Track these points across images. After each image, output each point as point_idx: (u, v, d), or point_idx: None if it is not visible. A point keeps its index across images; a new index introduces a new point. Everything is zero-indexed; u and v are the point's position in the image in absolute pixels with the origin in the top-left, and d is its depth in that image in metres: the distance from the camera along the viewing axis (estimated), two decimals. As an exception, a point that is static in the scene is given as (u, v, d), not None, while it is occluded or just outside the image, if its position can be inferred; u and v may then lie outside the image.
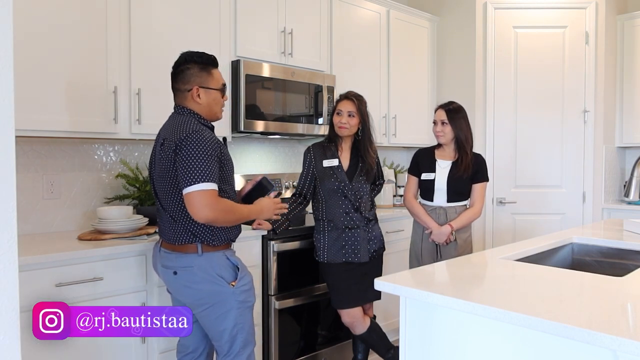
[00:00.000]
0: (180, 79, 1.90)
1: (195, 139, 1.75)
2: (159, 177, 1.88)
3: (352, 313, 2.50)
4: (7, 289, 0.79)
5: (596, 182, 3.90)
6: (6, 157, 0.78)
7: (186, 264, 1.84)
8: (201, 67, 1.90)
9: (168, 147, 1.80)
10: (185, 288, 1.86)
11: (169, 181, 1.83)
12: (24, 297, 1.42)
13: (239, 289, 1.87)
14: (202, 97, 1.89)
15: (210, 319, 1.87)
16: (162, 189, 1.87)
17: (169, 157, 1.79)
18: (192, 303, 1.87)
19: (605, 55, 3.89)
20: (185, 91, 1.89)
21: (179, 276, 1.85)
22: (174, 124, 1.84)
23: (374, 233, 2.55)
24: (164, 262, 1.90)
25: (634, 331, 1.09)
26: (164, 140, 1.84)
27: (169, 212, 1.86)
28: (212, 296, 1.84)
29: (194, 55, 1.90)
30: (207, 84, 1.90)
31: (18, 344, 0.81)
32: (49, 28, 2.18)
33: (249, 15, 2.87)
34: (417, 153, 2.80)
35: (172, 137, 1.79)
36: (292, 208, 2.55)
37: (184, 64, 1.89)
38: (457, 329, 1.39)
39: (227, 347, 1.89)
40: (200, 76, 1.89)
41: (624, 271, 1.86)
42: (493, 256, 1.92)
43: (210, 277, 1.83)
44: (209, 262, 1.85)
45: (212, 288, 1.84)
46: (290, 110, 3.06)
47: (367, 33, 3.61)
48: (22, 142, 2.41)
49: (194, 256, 1.84)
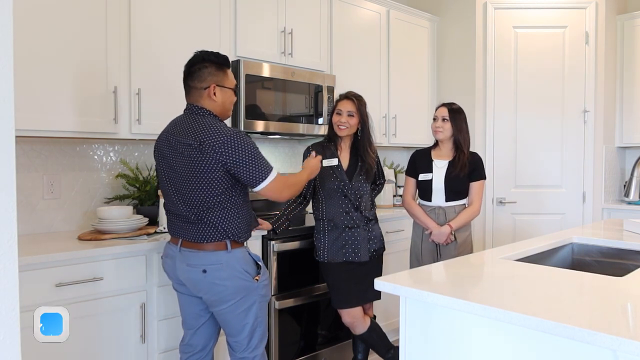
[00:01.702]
0: (196, 77, 1.92)
1: (240, 138, 1.82)
2: (183, 178, 1.86)
3: (352, 313, 2.50)
4: (7, 289, 0.79)
5: (596, 182, 3.90)
6: (6, 157, 0.78)
7: (215, 261, 1.87)
8: (217, 66, 1.94)
9: (202, 149, 1.79)
10: (214, 285, 1.88)
11: (200, 181, 1.83)
12: (24, 297, 1.42)
13: (261, 283, 1.95)
14: (217, 95, 1.93)
15: (234, 315, 1.91)
16: (186, 189, 1.86)
17: (201, 158, 1.80)
18: (220, 299, 1.89)
19: (605, 55, 3.89)
20: (201, 89, 1.92)
21: (208, 274, 1.87)
22: (197, 125, 1.85)
23: (374, 233, 2.55)
24: (190, 261, 1.90)
25: (634, 331, 1.09)
26: (191, 142, 1.82)
27: (196, 211, 1.86)
28: (239, 291, 1.89)
29: (210, 54, 1.94)
30: (223, 83, 1.95)
31: (18, 344, 0.81)
32: (49, 28, 2.18)
33: (249, 15, 2.87)
34: (414, 154, 2.80)
35: (206, 140, 1.79)
36: (292, 208, 2.55)
37: (201, 62, 1.92)
38: (457, 329, 1.39)
39: (246, 342, 1.94)
40: (217, 75, 1.94)
41: (624, 271, 1.86)
42: (493, 256, 1.92)
43: (237, 273, 1.89)
44: (237, 259, 1.90)
45: (239, 284, 1.89)
46: (290, 110, 3.06)
47: (367, 33, 3.61)
48: (22, 142, 2.41)
49: (222, 253, 1.88)
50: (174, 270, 1.98)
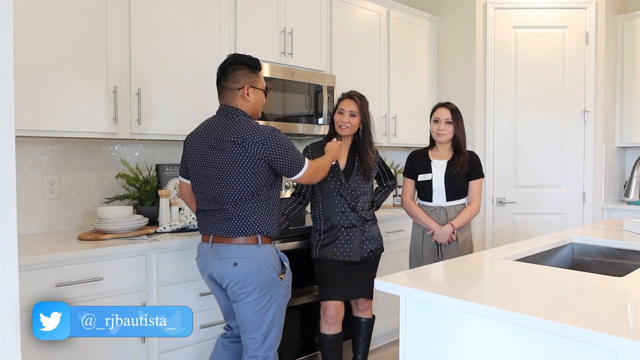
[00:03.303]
0: (230, 78, 2.02)
1: (277, 135, 1.95)
2: (223, 174, 1.94)
3: (337, 306, 2.50)
4: (7, 289, 0.79)
5: (596, 182, 3.90)
6: (6, 157, 0.78)
7: (247, 255, 1.94)
8: (250, 68, 2.04)
9: (245, 146, 1.90)
10: (244, 278, 1.95)
11: (242, 175, 1.92)
12: (24, 297, 1.42)
13: (284, 283, 2.02)
14: (250, 96, 2.03)
15: (255, 310, 1.96)
16: (225, 184, 1.94)
17: (244, 154, 1.90)
18: (245, 293, 1.95)
19: (605, 55, 3.89)
20: (235, 89, 2.01)
21: (239, 267, 1.94)
22: (236, 124, 1.94)
23: (370, 233, 2.55)
24: (221, 254, 1.96)
25: (634, 331, 1.09)
26: (234, 139, 1.91)
27: (231, 206, 1.95)
28: (264, 287, 1.95)
29: (243, 57, 2.05)
30: (256, 84, 2.05)
31: (18, 344, 0.81)
32: (49, 28, 2.18)
33: (249, 15, 2.87)
34: (411, 155, 2.80)
35: (249, 137, 1.90)
36: (292, 208, 2.55)
37: (235, 64, 2.02)
38: (457, 329, 1.39)
39: (261, 340, 1.99)
40: (250, 76, 2.03)
41: (624, 271, 1.86)
42: (493, 256, 1.92)
43: (266, 268, 1.96)
44: (266, 254, 1.97)
45: (265, 279, 1.95)
46: (291, 110, 3.06)
47: (367, 33, 3.61)
48: (22, 142, 2.41)
49: (253, 247, 1.95)
50: (205, 268, 2.05)
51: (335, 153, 2.38)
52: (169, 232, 2.43)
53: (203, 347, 2.35)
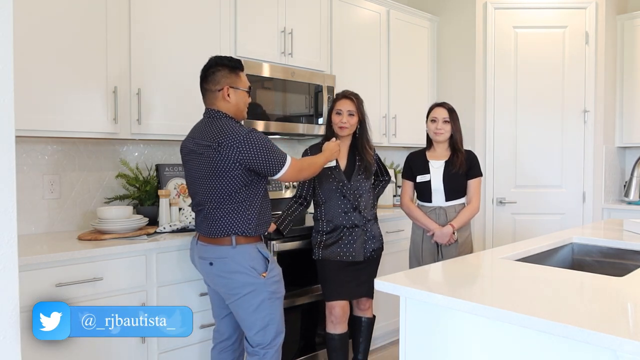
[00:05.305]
0: (210, 80, 2.03)
1: (253, 136, 1.94)
2: (203, 177, 1.98)
3: (344, 305, 2.51)
4: (7, 289, 0.79)
5: (596, 182, 3.90)
6: (6, 157, 0.78)
7: (221, 255, 1.98)
8: (230, 69, 2.04)
9: (219, 150, 1.91)
10: (220, 278, 2.00)
11: (217, 179, 1.94)
12: (24, 297, 1.42)
13: (269, 280, 2.02)
14: (231, 97, 2.03)
15: (243, 309, 2.00)
16: (205, 187, 1.98)
17: (219, 158, 1.91)
18: (226, 292, 2.02)
19: (605, 55, 3.89)
20: (215, 91, 2.03)
21: (214, 267, 1.99)
22: (214, 128, 1.96)
23: (372, 232, 2.55)
24: (201, 253, 2.04)
25: (634, 331, 1.09)
26: (210, 144, 1.93)
27: (206, 208, 2.00)
28: (245, 286, 1.97)
29: (223, 58, 2.06)
30: (237, 85, 2.05)
31: (18, 344, 0.81)
32: (49, 28, 2.18)
33: (249, 15, 2.87)
34: (409, 157, 2.80)
35: (224, 141, 1.91)
36: (293, 209, 2.55)
37: (215, 66, 2.03)
38: (457, 329, 1.39)
39: (260, 338, 2.02)
40: (230, 77, 2.04)
41: (624, 271, 1.86)
42: (493, 256, 1.92)
43: (242, 268, 1.97)
44: (242, 254, 1.98)
45: (244, 279, 1.97)
46: (291, 110, 3.06)
47: (367, 33, 3.61)
48: (22, 142, 2.41)
49: (228, 248, 1.98)
50: (192, 261, 2.15)
51: (332, 153, 2.36)
52: (169, 232, 2.43)
53: (203, 347, 2.35)
